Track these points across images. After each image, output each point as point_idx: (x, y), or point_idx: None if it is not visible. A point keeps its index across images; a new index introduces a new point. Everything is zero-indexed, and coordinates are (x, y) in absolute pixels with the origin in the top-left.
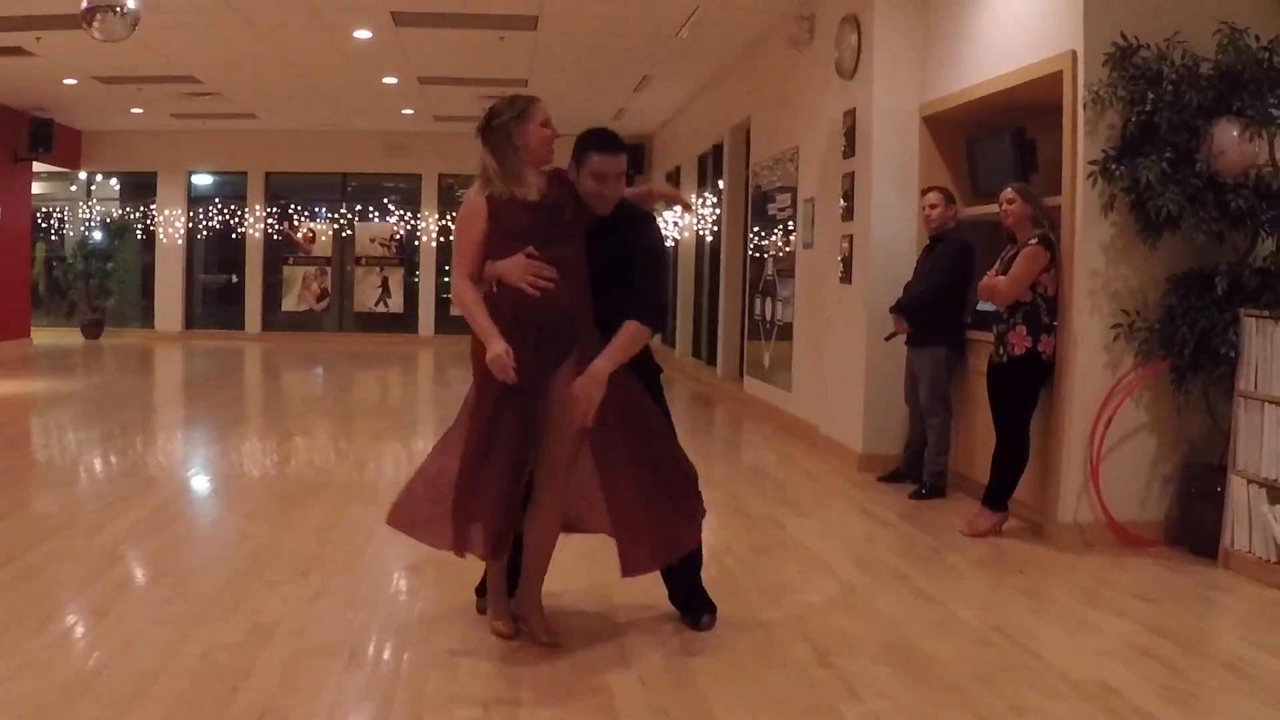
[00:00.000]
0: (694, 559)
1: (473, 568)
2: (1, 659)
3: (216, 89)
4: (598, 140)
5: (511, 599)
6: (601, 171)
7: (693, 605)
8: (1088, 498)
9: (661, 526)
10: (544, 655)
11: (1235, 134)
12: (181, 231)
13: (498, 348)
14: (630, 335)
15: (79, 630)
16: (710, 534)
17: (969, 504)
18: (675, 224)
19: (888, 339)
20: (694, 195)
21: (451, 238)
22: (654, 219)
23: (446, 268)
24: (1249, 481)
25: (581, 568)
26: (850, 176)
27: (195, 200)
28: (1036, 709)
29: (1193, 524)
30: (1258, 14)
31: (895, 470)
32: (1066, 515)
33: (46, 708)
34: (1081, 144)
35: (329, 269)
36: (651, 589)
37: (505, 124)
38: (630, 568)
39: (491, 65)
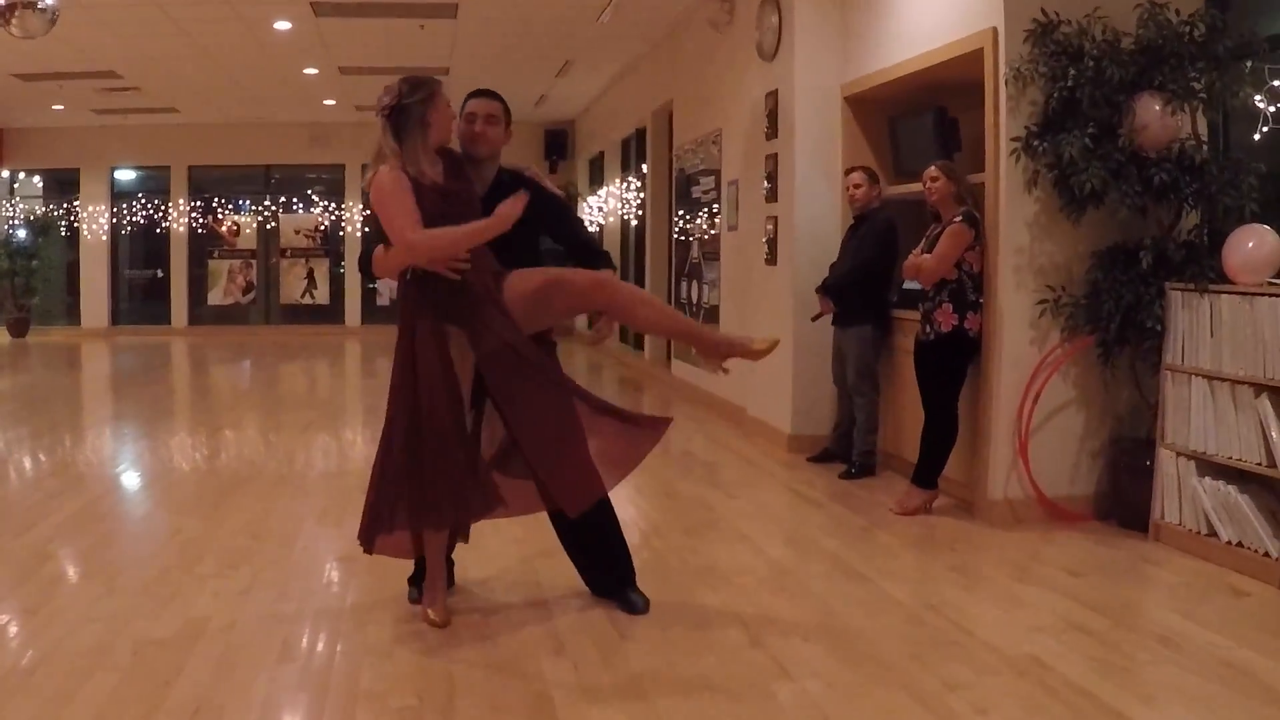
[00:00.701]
0: (613, 546)
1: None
2: None
3: (137, 84)
4: (473, 91)
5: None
6: (472, 112)
7: (624, 589)
8: (1017, 474)
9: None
10: (476, 643)
11: (1157, 108)
12: (105, 228)
13: (504, 210)
14: None
15: (11, 629)
16: (640, 517)
17: (899, 482)
18: (600, 209)
19: (814, 319)
20: (618, 179)
21: (375, 211)
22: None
23: None
24: (1178, 454)
25: (510, 552)
26: (774, 158)
27: (118, 196)
28: (969, 685)
29: (1122, 498)
30: None
31: (824, 450)
32: (996, 492)
33: None
34: (1004, 121)
35: (254, 262)
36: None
37: (414, 105)
38: (576, 500)
39: (413, 54)
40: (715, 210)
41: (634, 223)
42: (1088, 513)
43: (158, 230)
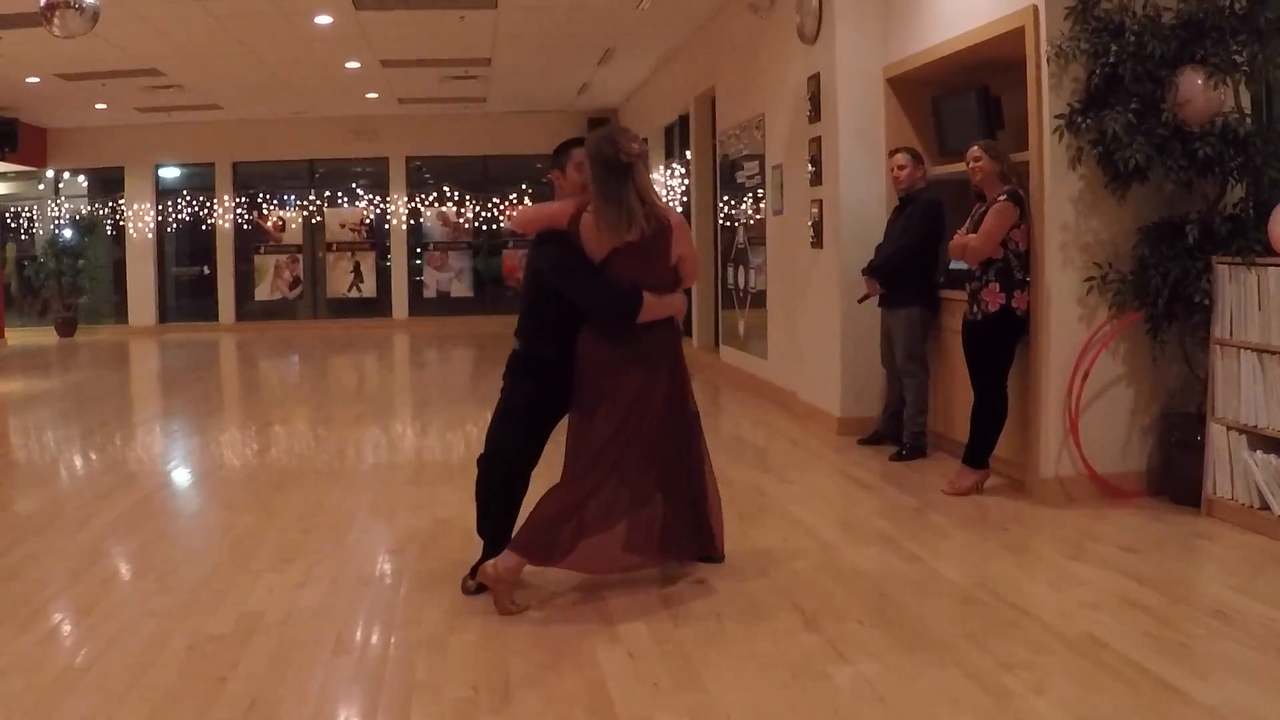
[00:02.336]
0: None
1: (455, 546)
2: None
3: (180, 81)
4: (572, 140)
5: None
6: (583, 160)
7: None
8: (1068, 452)
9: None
10: (531, 633)
11: (1200, 82)
12: (151, 225)
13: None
14: None
15: (65, 628)
16: None
17: (950, 463)
18: None
19: (861, 301)
20: (662, 167)
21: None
22: None
23: (419, 250)
24: (1228, 428)
25: None
26: (817, 141)
27: (163, 193)
28: (1026, 664)
29: (1174, 473)
30: None
31: (874, 432)
32: (1048, 470)
33: (35, 706)
34: (1046, 98)
35: (300, 256)
36: None
37: (633, 164)
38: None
39: (454, 45)
40: (760, 195)
41: (679, 209)
42: (1139, 489)
43: (203, 227)
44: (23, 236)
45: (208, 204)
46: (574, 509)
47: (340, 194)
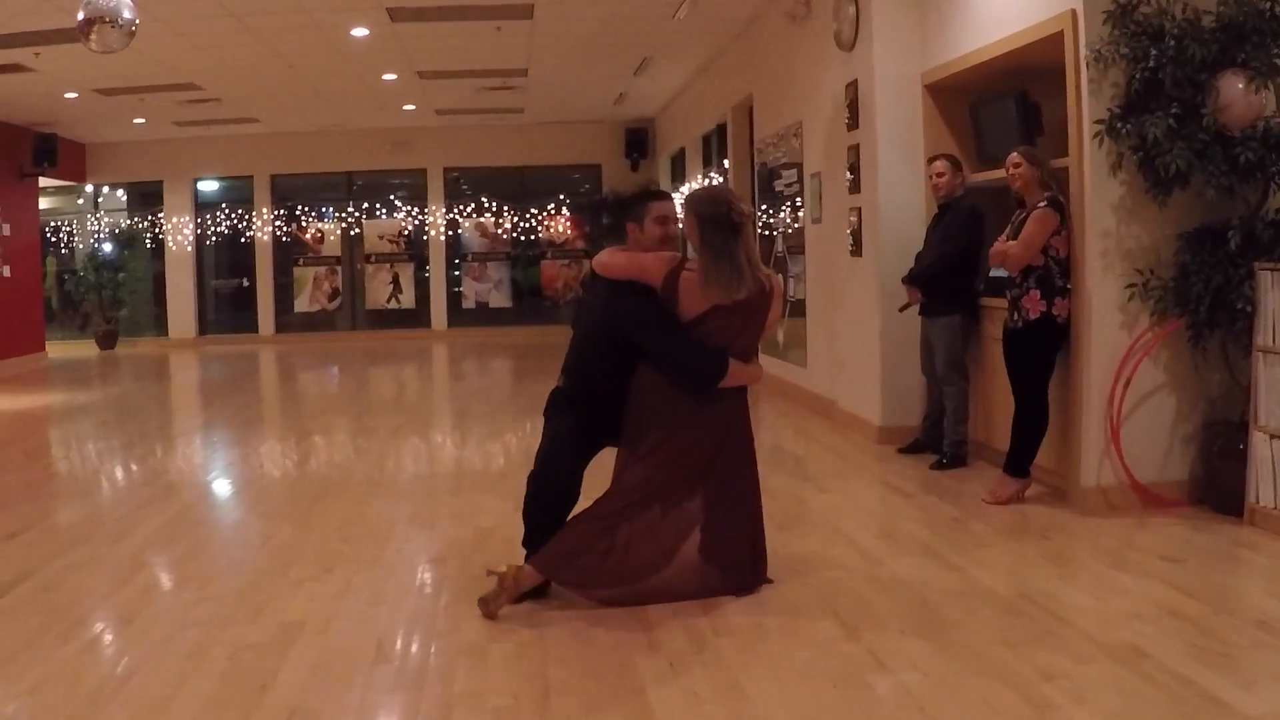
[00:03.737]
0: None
1: (496, 555)
2: (29, 668)
3: (217, 95)
4: (651, 192)
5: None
6: (665, 215)
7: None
8: (1109, 460)
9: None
10: (571, 641)
11: (1240, 86)
12: (190, 238)
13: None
14: None
15: (106, 638)
16: None
17: (990, 472)
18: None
19: (901, 310)
20: (700, 175)
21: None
22: None
23: (457, 261)
24: (1271, 437)
25: None
26: (855, 149)
27: (202, 206)
28: (1067, 674)
29: (1216, 482)
30: None
31: (915, 441)
32: (1089, 479)
33: (76, 715)
34: (1086, 104)
35: (339, 268)
36: None
37: (742, 224)
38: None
39: (490, 56)
40: (798, 203)
41: None
42: (1181, 498)
43: (242, 240)
44: (63, 251)
45: (246, 217)
46: (594, 544)
47: (378, 206)
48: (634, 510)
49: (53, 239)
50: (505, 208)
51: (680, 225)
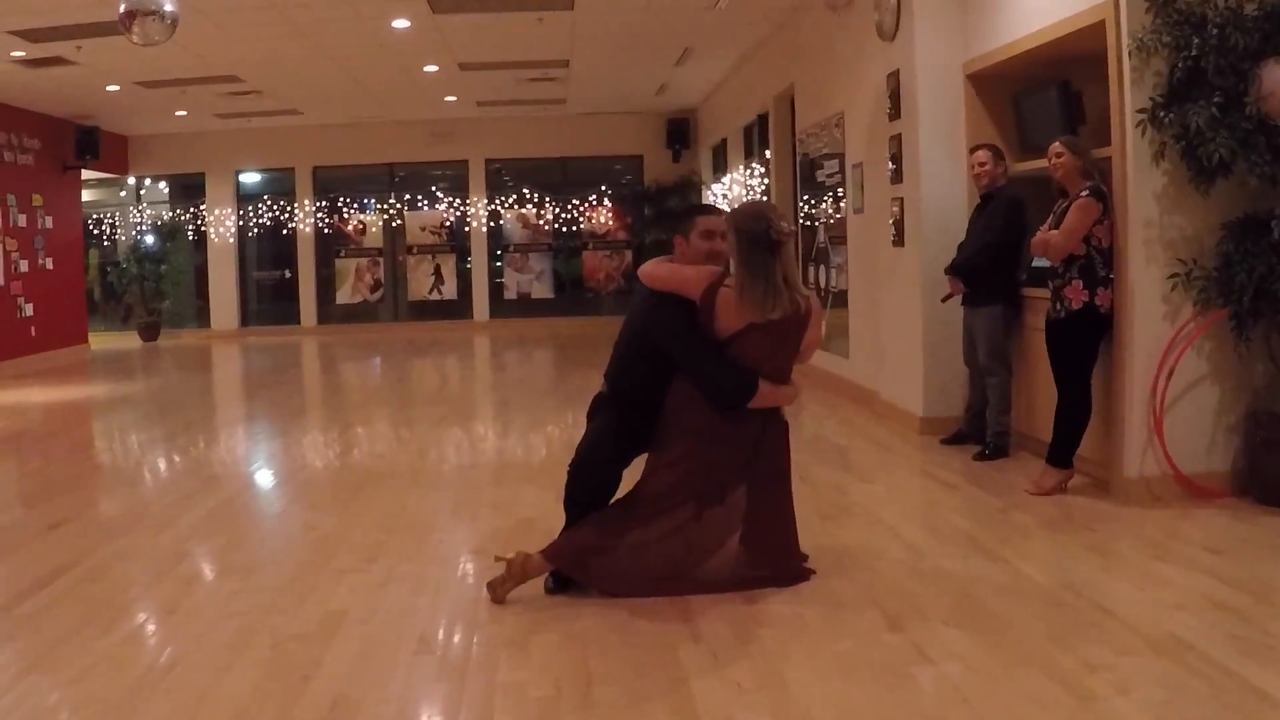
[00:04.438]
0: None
1: (537, 546)
2: (73, 658)
3: (259, 87)
4: (699, 206)
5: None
6: (711, 229)
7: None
8: (1152, 451)
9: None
10: (613, 632)
11: None
12: (232, 230)
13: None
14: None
15: (149, 628)
16: None
17: (1033, 463)
18: (724, 196)
19: (944, 300)
20: (741, 166)
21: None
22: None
23: (499, 252)
24: None
25: None
26: (897, 139)
27: (244, 199)
28: (1110, 665)
29: (1259, 473)
30: None
31: (957, 432)
32: (1132, 469)
33: (119, 705)
34: (1128, 93)
35: (381, 259)
36: None
37: (782, 242)
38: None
39: (531, 47)
40: (840, 194)
41: None
42: (1225, 489)
43: (284, 231)
44: (105, 243)
45: (288, 209)
46: (609, 545)
47: (420, 197)
48: (649, 517)
49: (95, 231)
50: (547, 199)
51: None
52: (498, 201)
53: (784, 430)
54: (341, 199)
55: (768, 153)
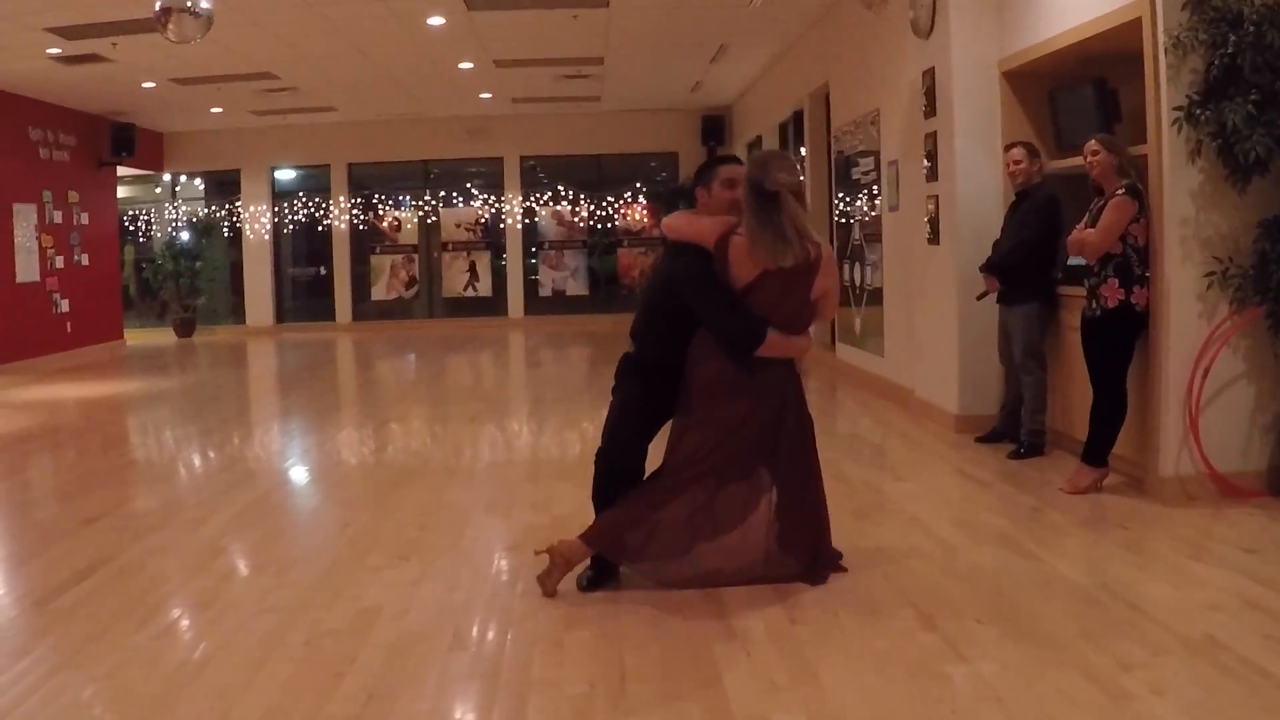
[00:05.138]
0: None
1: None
2: (108, 653)
3: (294, 84)
4: (720, 157)
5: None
6: (732, 177)
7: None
8: (1188, 450)
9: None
10: (647, 629)
11: None
12: (267, 227)
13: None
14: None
15: (184, 623)
16: None
17: (1068, 461)
18: None
19: (979, 298)
20: None
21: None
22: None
23: (534, 249)
24: None
25: None
26: (933, 136)
27: (279, 195)
28: (1144, 664)
29: None
30: None
31: (992, 430)
32: (1167, 468)
33: (154, 700)
34: (1164, 90)
35: (416, 256)
36: None
37: (779, 193)
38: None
39: (566, 44)
40: (875, 191)
41: None
42: (1260, 488)
43: (319, 228)
44: (141, 239)
45: (323, 205)
46: (644, 518)
47: (455, 194)
48: (683, 487)
49: (131, 228)
50: (582, 196)
51: None
52: (533, 198)
53: (801, 409)
54: (376, 196)
55: (803, 149)
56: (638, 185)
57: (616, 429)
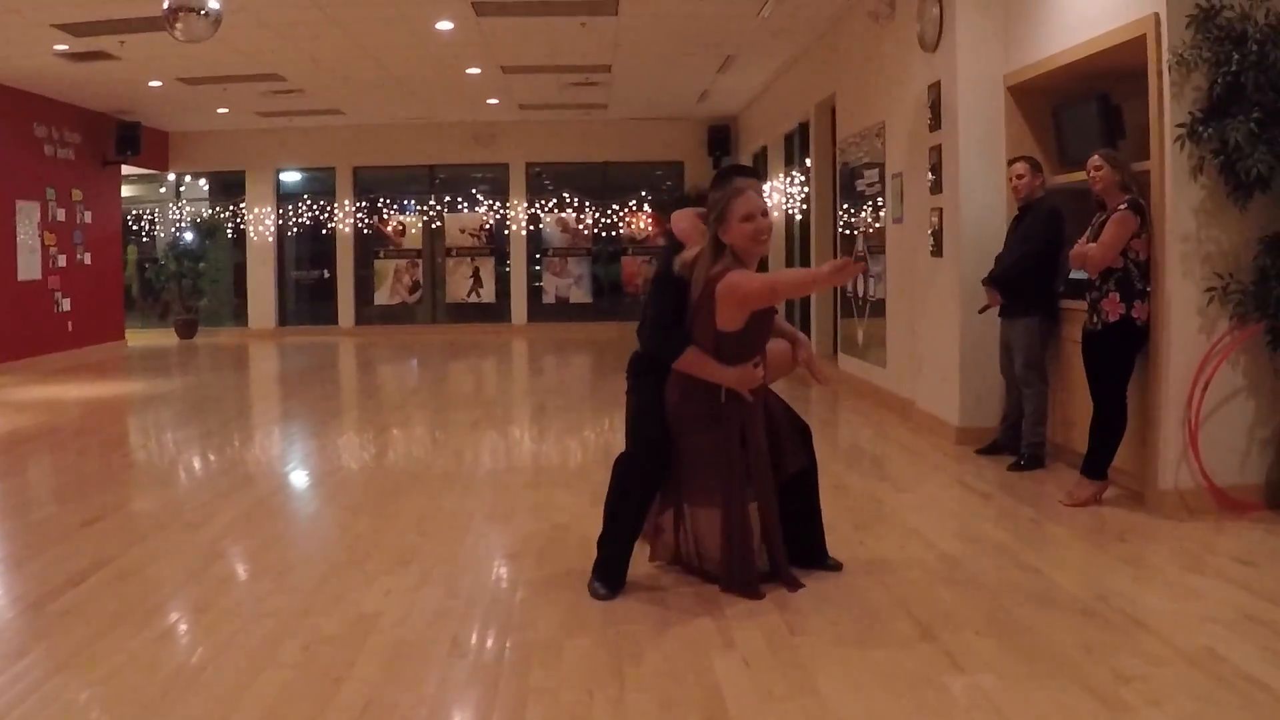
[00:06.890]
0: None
1: (572, 550)
2: (105, 657)
3: (301, 86)
4: (733, 168)
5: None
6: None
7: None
8: (1187, 463)
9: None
10: (647, 638)
11: None
12: (271, 229)
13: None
14: None
15: (181, 627)
16: None
17: (1068, 474)
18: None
19: (981, 312)
20: (781, 174)
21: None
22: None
23: (538, 255)
24: None
25: None
26: (937, 149)
27: (284, 198)
28: (1142, 676)
29: None
30: None
31: (993, 442)
32: (1166, 482)
33: (150, 704)
34: (1168, 107)
35: (420, 261)
36: None
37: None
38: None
39: (574, 52)
40: (880, 203)
41: (798, 217)
42: (1259, 502)
43: (323, 231)
44: (144, 239)
45: (328, 208)
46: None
47: (460, 199)
48: (680, 496)
49: (134, 227)
50: (587, 203)
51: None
52: (538, 205)
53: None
54: (381, 200)
55: (808, 161)
56: (643, 194)
57: (641, 427)
